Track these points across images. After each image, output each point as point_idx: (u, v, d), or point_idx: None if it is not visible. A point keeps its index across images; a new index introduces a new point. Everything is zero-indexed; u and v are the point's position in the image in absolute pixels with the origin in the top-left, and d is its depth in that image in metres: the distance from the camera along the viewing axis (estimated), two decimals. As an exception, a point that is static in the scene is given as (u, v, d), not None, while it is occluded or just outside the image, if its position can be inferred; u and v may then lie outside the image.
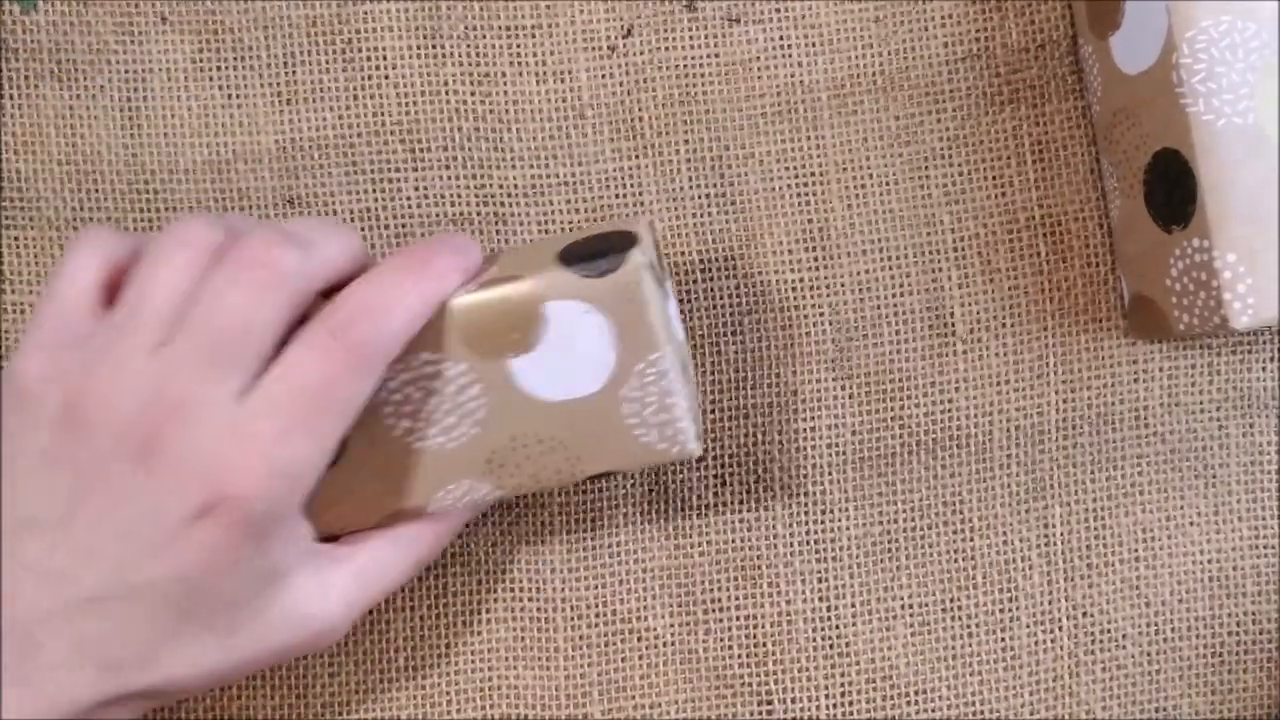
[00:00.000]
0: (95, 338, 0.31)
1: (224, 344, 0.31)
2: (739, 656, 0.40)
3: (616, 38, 0.40)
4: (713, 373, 0.40)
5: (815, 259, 0.40)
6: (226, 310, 0.31)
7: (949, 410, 0.40)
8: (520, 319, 0.33)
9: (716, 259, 0.40)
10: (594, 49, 0.40)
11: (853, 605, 0.40)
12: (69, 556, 0.31)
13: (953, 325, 0.40)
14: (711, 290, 0.40)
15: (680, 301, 0.40)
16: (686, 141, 0.40)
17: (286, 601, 0.33)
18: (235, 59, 0.40)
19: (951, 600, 0.40)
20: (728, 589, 0.40)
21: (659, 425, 0.35)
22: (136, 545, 0.31)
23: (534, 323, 0.33)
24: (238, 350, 0.31)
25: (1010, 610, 0.40)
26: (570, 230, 0.40)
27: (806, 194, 0.40)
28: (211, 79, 0.40)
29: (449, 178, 0.40)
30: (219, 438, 0.30)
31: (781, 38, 0.40)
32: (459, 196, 0.40)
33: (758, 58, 0.40)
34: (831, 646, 0.40)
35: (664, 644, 0.40)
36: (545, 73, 0.40)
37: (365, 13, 0.40)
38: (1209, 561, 0.40)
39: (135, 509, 0.30)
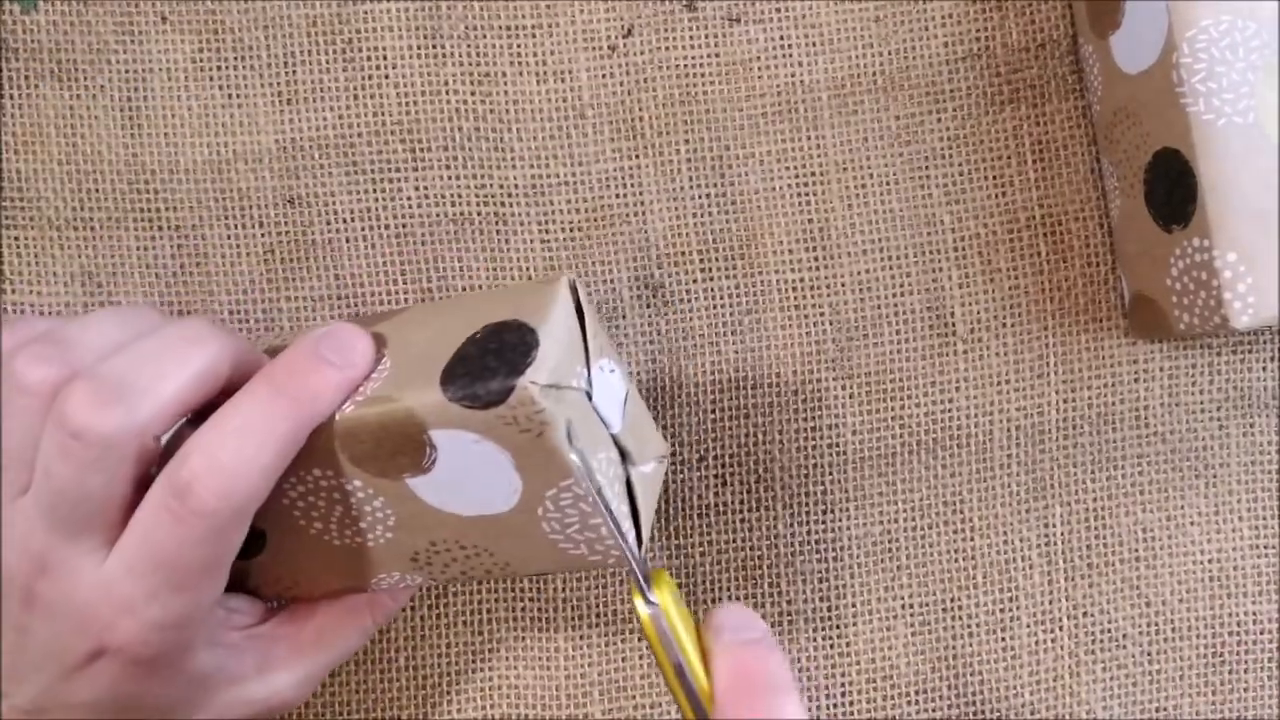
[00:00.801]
0: None
1: (65, 511, 0.29)
2: (739, 656, 0.40)
3: (616, 38, 0.40)
4: (713, 373, 0.40)
5: (815, 259, 0.40)
6: (59, 478, 0.29)
7: (949, 410, 0.40)
8: (405, 444, 0.30)
9: (716, 259, 0.40)
10: (594, 49, 0.40)
11: (853, 605, 0.40)
12: (4, 680, 0.31)
13: (953, 325, 0.40)
14: (711, 290, 0.40)
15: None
16: (686, 141, 0.40)
17: (228, 693, 0.33)
18: (235, 59, 0.40)
19: (952, 600, 0.40)
20: (728, 589, 0.40)
21: (587, 541, 0.31)
22: (51, 674, 0.31)
23: (421, 448, 0.30)
24: (79, 516, 0.30)
25: (1010, 610, 0.40)
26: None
27: (806, 194, 0.40)
28: (211, 79, 0.40)
29: (449, 178, 0.40)
30: (88, 597, 0.30)
31: (781, 38, 0.40)
32: (459, 196, 0.40)
33: (758, 58, 0.40)
34: (832, 646, 0.40)
35: (664, 644, 0.40)
36: (545, 73, 0.40)
37: (365, 13, 0.40)
38: (1209, 561, 0.40)
39: (37, 646, 0.31)
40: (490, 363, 0.29)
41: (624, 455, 0.32)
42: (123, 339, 0.31)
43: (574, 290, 0.32)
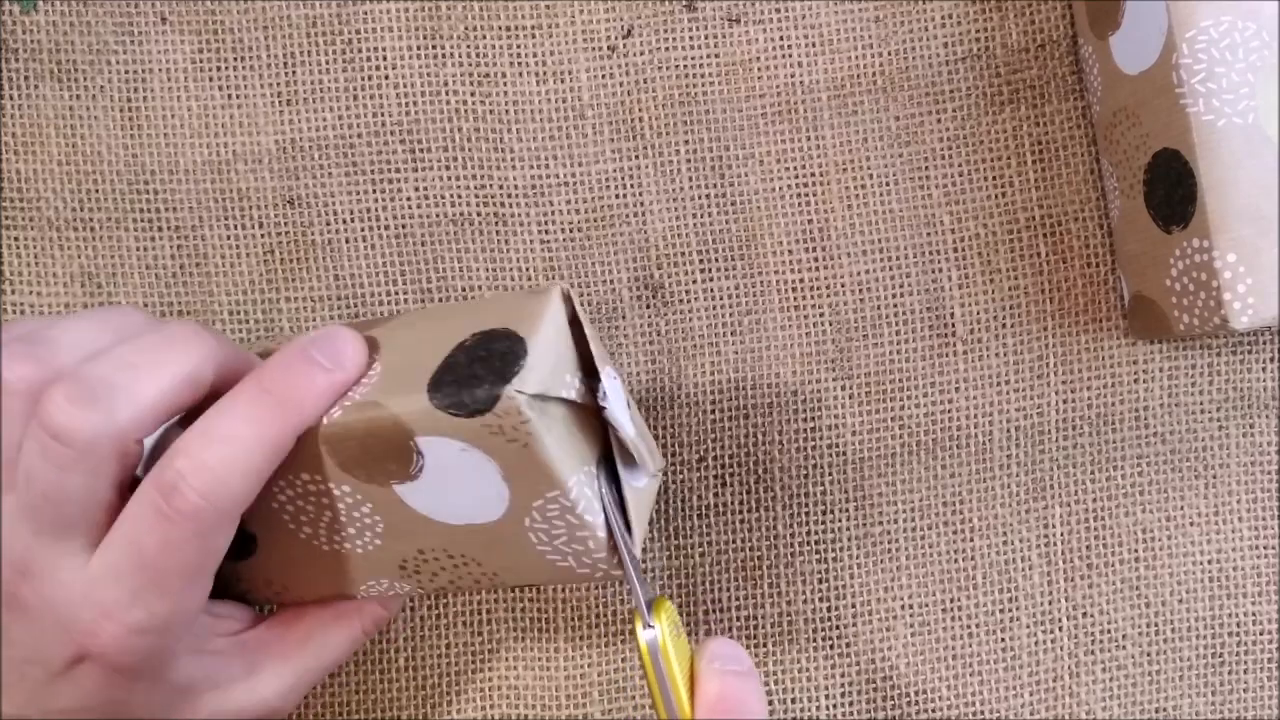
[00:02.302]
0: None
1: (47, 512, 0.29)
2: (739, 656, 0.40)
3: (616, 38, 0.40)
4: (713, 373, 0.40)
5: (815, 259, 0.40)
6: (40, 480, 0.29)
7: (949, 410, 0.40)
8: (393, 450, 0.30)
9: (716, 259, 0.40)
10: (594, 49, 0.40)
11: (853, 605, 0.40)
12: None
13: (953, 325, 0.40)
14: (711, 290, 0.40)
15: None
16: (686, 141, 0.40)
17: (214, 700, 0.33)
18: (235, 59, 0.40)
19: (951, 600, 0.40)
20: (728, 589, 0.40)
21: (574, 554, 0.31)
22: (34, 680, 0.30)
23: (408, 455, 0.30)
24: (61, 517, 0.29)
25: (1010, 610, 0.40)
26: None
27: (806, 194, 0.40)
28: (211, 79, 0.40)
29: (449, 178, 0.40)
30: (71, 600, 0.29)
31: (781, 38, 0.40)
32: (459, 196, 0.40)
33: (758, 58, 0.40)
34: (831, 646, 0.40)
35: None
36: (545, 73, 0.40)
37: (365, 13, 0.40)
38: (1209, 561, 0.40)
39: (20, 651, 0.30)
40: (478, 370, 0.29)
41: (635, 463, 0.32)
42: (107, 341, 0.30)
43: (568, 300, 0.31)
